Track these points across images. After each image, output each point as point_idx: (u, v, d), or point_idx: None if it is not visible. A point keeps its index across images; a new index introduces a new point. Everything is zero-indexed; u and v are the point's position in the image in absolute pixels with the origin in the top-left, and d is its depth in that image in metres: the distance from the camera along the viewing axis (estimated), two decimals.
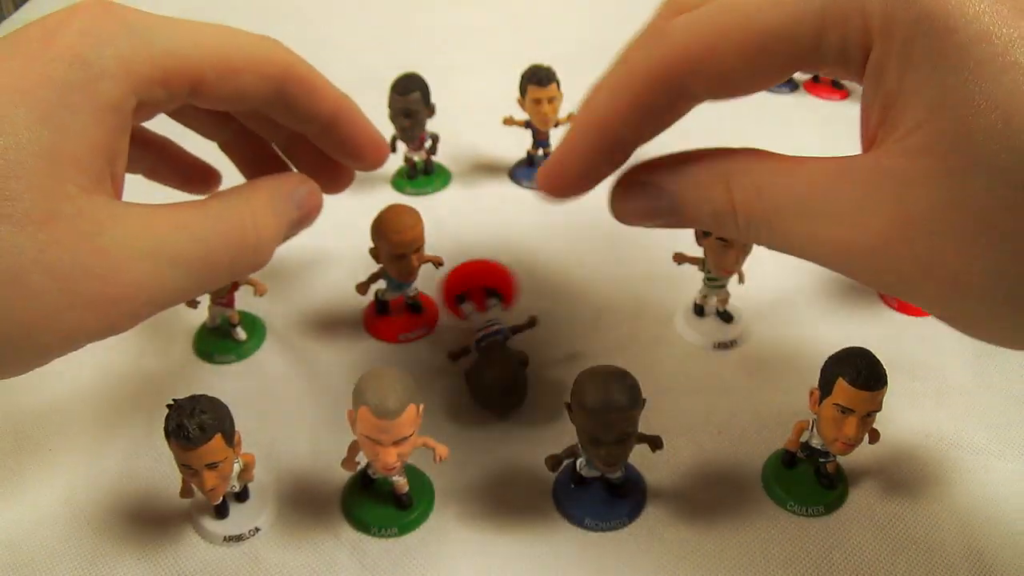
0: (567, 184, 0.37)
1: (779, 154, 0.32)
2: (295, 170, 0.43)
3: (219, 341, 0.51)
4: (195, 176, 0.45)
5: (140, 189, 0.38)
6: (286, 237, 0.38)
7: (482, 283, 0.49)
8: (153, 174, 0.44)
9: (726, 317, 0.52)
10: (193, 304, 0.49)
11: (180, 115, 0.41)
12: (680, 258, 0.51)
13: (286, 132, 0.42)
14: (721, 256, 0.47)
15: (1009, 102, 0.27)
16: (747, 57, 0.31)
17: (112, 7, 0.32)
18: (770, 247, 0.31)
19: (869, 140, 0.31)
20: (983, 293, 0.29)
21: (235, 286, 0.49)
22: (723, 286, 0.51)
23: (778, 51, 0.30)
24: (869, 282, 0.31)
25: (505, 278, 0.50)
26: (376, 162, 0.44)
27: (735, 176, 0.32)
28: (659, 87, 0.33)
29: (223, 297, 0.49)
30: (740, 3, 0.31)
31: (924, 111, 0.28)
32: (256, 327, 0.52)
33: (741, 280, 0.52)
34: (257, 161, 0.44)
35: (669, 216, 0.34)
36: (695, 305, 0.52)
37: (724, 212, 0.32)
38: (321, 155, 0.43)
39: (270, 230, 0.36)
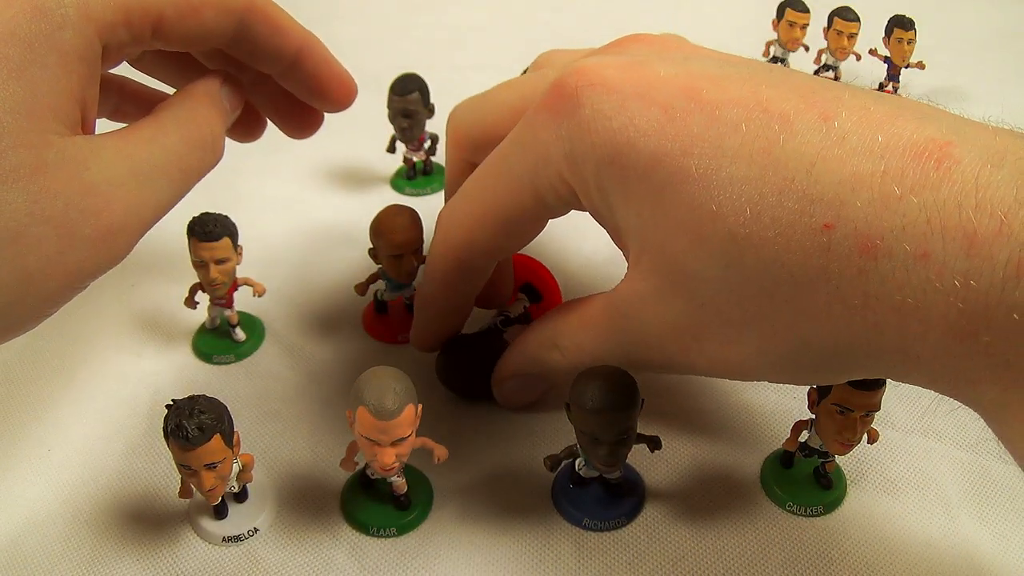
0: (430, 345, 0.46)
1: (579, 305, 0.39)
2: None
3: (218, 341, 0.51)
4: None
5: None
6: (227, 122, 0.41)
7: (523, 278, 0.50)
8: (118, 115, 0.45)
9: None
10: (192, 304, 0.49)
11: (142, 64, 0.42)
12: None
13: (251, 74, 0.43)
14: None
15: (694, 217, 0.29)
16: (497, 233, 0.39)
17: None
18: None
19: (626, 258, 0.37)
20: (757, 370, 0.33)
21: (234, 286, 0.49)
22: None
23: (518, 221, 0.38)
24: (691, 373, 0.37)
25: (547, 281, 0.51)
26: (343, 100, 0.45)
27: (559, 340, 0.40)
28: (453, 269, 0.41)
29: (222, 298, 0.49)
30: (478, 195, 0.39)
31: (637, 241, 0.33)
32: (255, 328, 0.52)
33: None
34: None
35: (544, 386, 0.43)
36: None
37: (571, 367, 0.39)
38: (288, 97, 0.44)
39: (219, 126, 0.39)
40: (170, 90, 0.43)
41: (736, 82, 0.30)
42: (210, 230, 0.45)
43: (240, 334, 0.50)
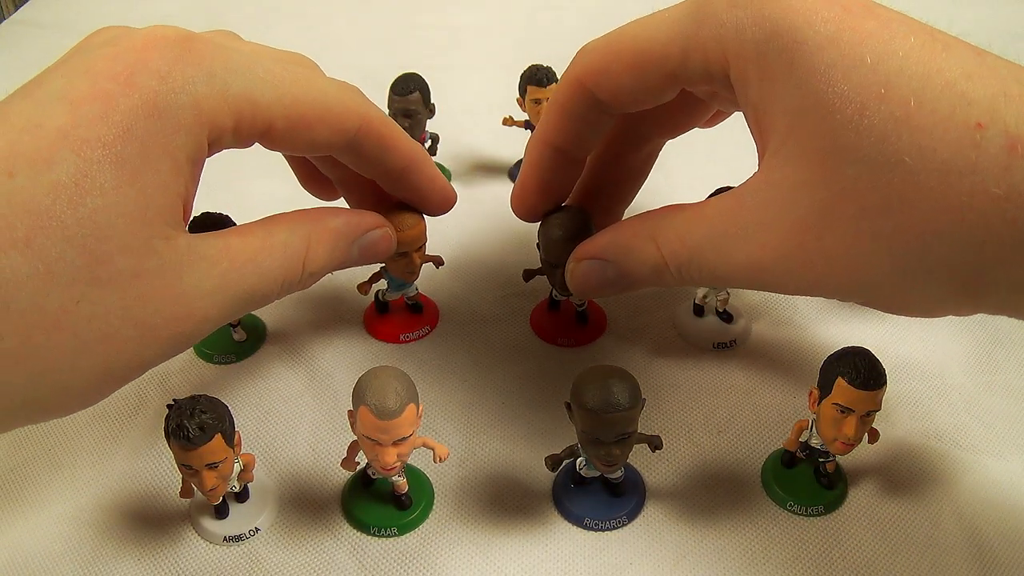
0: (532, 202, 0.43)
1: (692, 203, 0.36)
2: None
3: (219, 341, 0.51)
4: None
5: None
6: (338, 269, 0.41)
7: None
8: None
9: (726, 317, 0.52)
10: None
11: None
12: None
13: (354, 174, 0.43)
14: None
15: (861, 95, 0.30)
16: (632, 71, 0.37)
17: (190, 43, 0.33)
18: (702, 284, 0.36)
19: (759, 153, 0.35)
20: (881, 272, 0.31)
21: None
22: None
23: (653, 69, 0.36)
24: (788, 290, 0.35)
25: None
26: (442, 211, 0.46)
27: (659, 233, 0.37)
28: (577, 98, 0.39)
29: None
30: (630, 30, 0.37)
31: (788, 119, 0.32)
32: (256, 327, 0.52)
33: None
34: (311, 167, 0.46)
35: (619, 283, 0.39)
36: (694, 305, 0.52)
37: (659, 267, 0.36)
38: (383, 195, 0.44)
39: (319, 268, 0.38)
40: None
41: (903, 16, 0.33)
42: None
43: (241, 334, 0.50)
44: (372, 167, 0.41)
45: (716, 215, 0.35)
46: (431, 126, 0.63)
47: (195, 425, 0.36)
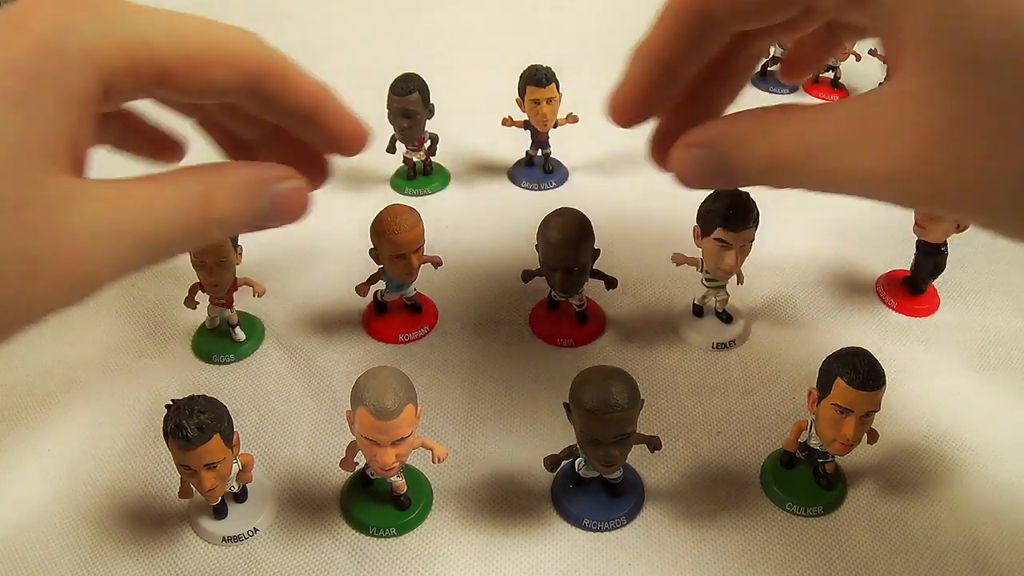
0: (628, 110, 0.40)
1: (812, 104, 0.34)
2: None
3: (218, 341, 0.51)
4: (162, 147, 0.44)
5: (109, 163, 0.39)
6: (257, 228, 0.38)
7: None
8: (120, 144, 0.45)
9: (725, 318, 0.52)
10: (192, 304, 0.49)
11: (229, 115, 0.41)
12: (678, 259, 0.51)
13: (261, 124, 0.42)
14: (720, 257, 0.47)
15: (1002, 3, 0.28)
16: None
17: None
18: (814, 190, 0.34)
19: (889, 68, 0.33)
20: (1016, 192, 0.30)
21: (234, 286, 0.49)
22: (722, 287, 0.51)
23: None
24: (910, 202, 0.33)
25: None
26: (355, 148, 0.43)
27: (776, 128, 0.34)
28: (691, 16, 0.36)
29: (222, 298, 0.49)
30: None
31: (926, 27, 0.30)
32: (255, 328, 0.52)
33: (740, 281, 0.52)
34: (234, 141, 0.44)
35: (724, 175, 0.37)
36: (694, 306, 0.52)
37: (771, 164, 0.34)
38: (298, 147, 0.43)
39: (227, 217, 0.36)
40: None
41: None
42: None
43: (240, 334, 0.51)
44: (278, 110, 0.39)
45: (840, 118, 0.33)
46: (431, 126, 0.63)
47: (194, 425, 0.36)
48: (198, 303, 0.50)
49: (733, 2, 0.35)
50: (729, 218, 0.44)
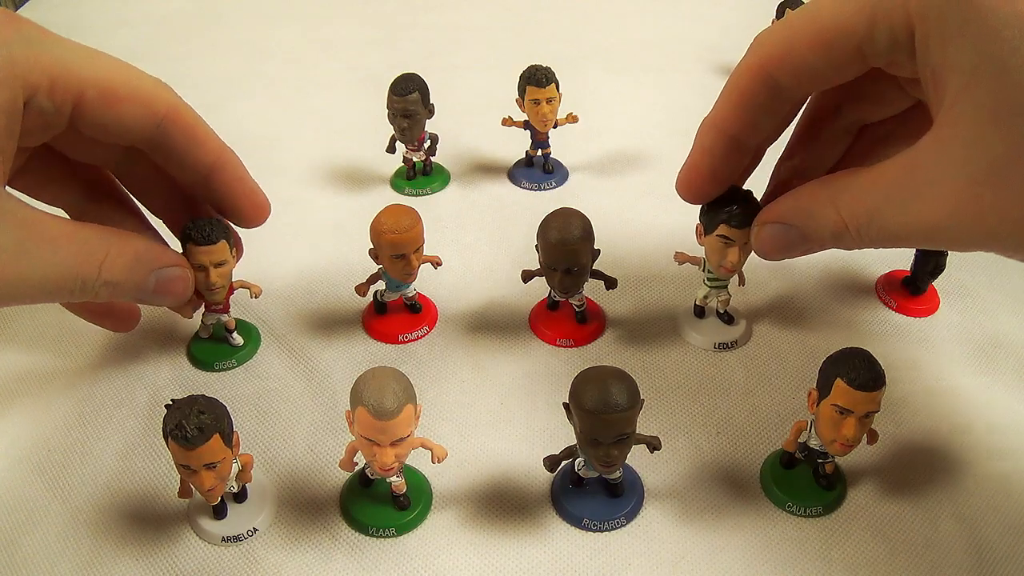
0: (699, 184, 0.43)
1: (869, 167, 0.37)
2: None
3: (216, 348, 0.50)
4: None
5: None
6: (136, 301, 0.42)
7: None
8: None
9: (727, 319, 0.52)
10: (189, 313, 0.48)
11: (66, 143, 0.42)
12: (680, 257, 0.51)
13: (160, 186, 0.45)
14: (723, 254, 0.47)
15: None
16: (816, 49, 0.37)
17: (15, 18, 0.36)
18: (883, 246, 0.36)
19: (933, 117, 0.35)
20: None
21: (231, 290, 0.49)
22: (724, 287, 0.51)
23: (839, 43, 0.36)
24: (962, 246, 0.35)
25: None
26: (254, 219, 0.46)
27: (838, 196, 0.37)
28: (756, 84, 0.39)
29: (220, 303, 0.49)
30: (810, 10, 0.37)
31: (965, 76, 0.32)
32: (251, 334, 0.51)
33: (741, 282, 0.52)
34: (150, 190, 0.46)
35: (801, 245, 0.40)
36: (695, 306, 0.52)
37: (839, 230, 0.37)
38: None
39: (118, 282, 0.39)
40: None
41: None
42: (207, 234, 0.44)
43: (237, 339, 0.50)
44: (179, 161, 0.42)
45: (892, 175, 0.35)
46: (431, 126, 0.63)
47: (193, 425, 0.36)
48: (195, 309, 0.48)
49: (794, 65, 0.38)
50: (732, 215, 0.44)
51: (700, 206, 0.46)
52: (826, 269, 0.57)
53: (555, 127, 0.64)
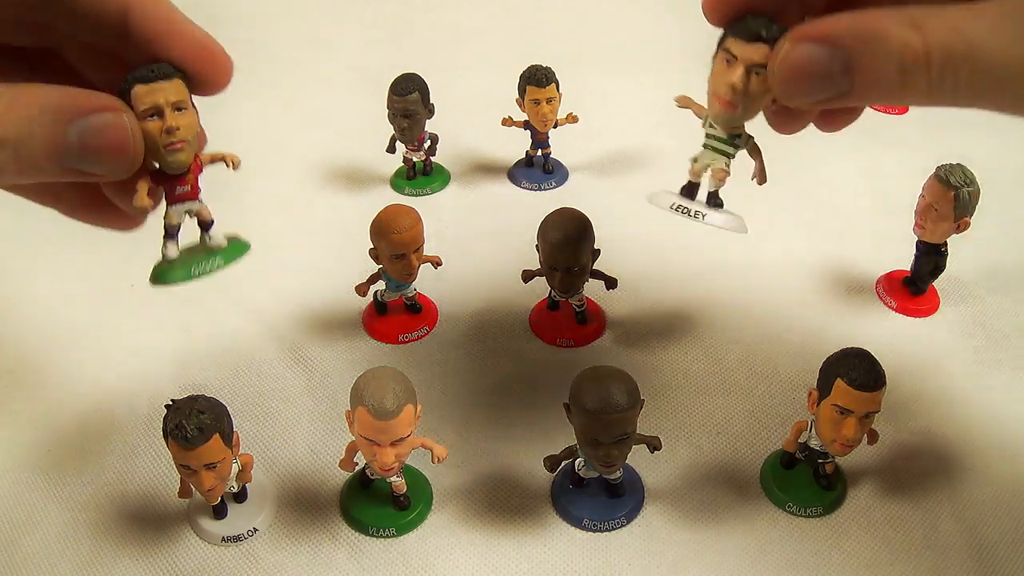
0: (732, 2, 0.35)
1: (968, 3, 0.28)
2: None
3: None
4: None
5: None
6: (63, 172, 0.30)
7: None
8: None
9: (715, 201, 0.38)
10: (144, 203, 0.33)
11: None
12: (683, 101, 0.39)
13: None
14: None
15: None
16: None
17: None
18: (959, 99, 0.28)
19: None
20: None
21: (198, 165, 0.35)
22: (726, 152, 0.37)
23: None
24: None
25: None
26: (208, 74, 0.33)
27: (926, 21, 0.28)
28: None
29: (185, 176, 0.34)
30: None
31: None
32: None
33: (762, 179, 0.39)
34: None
35: (841, 81, 0.29)
36: (686, 184, 0.38)
37: (914, 61, 0.28)
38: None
39: (16, 142, 0.28)
40: None
41: None
42: (152, 69, 0.31)
43: (219, 239, 0.36)
44: (83, 16, 0.31)
45: (1008, 7, 0.27)
46: (431, 126, 0.63)
47: (193, 425, 0.36)
48: (152, 204, 0.34)
49: None
50: (750, 26, 0.33)
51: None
52: (826, 268, 0.57)
53: (555, 127, 0.64)
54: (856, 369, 0.38)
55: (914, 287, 0.54)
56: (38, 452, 0.45)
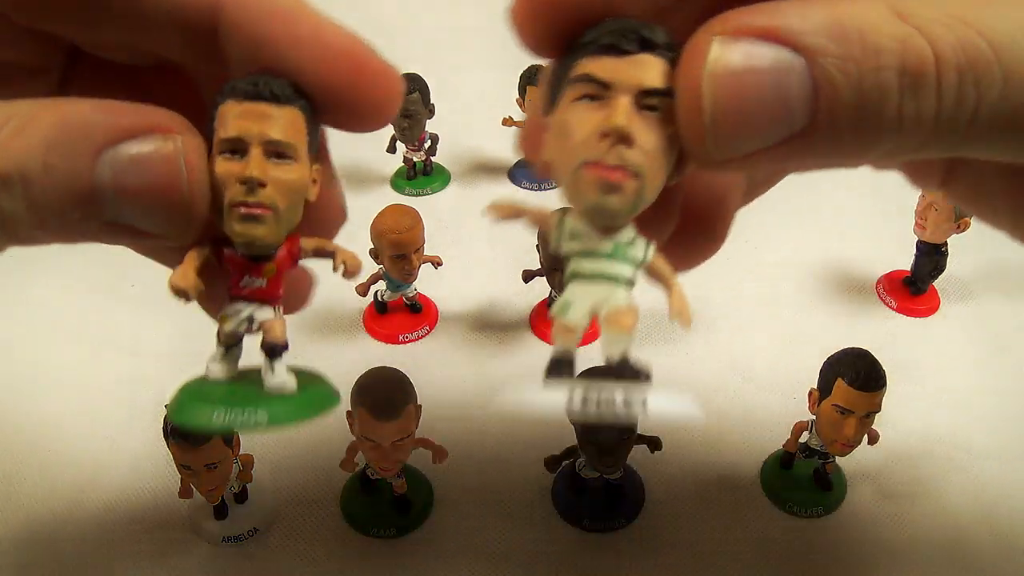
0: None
1: None
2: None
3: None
4: None
5: None
6: (88, 216, 0.21)
7: None
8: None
9: (630, 371, 0.24)
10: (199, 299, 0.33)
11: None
12: (507, 212, 0.27)
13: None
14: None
15: None
16: None
17: None
18: (987, 129, 0.19)
19: None
20: None
21: (291, 254, 0.26)
22: (625, 273, 0.25)
23: None
24: None
25: None
26: (370, 102, 0.24)
27: (914, 7, 0.19)
28: None
29: (258, 286, 0.25)
30: None
31: None
32: None
33: (685, 319, 0.31)
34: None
35: (798, 107, 0.19)
36: (555, 357, 0.25)
37: (919, 69, 0.18)
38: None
39: (16, 178, 0.20)
40: None
41: None
42: (266, 83, 0.21)
43: (282, 378, 0.26)
44: (154, 18, 0.22)
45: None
46: (431, 126, 0.63)
47: None
48: (196, 289, 0.23)
49: None
50: (608, 32, 0.21)
51: None
52: (826, 268, 0.57)
53: None
54: (856, 369, 0.38)
55: (914, 287, 0.54)
56: (38, 453, 0.45)
